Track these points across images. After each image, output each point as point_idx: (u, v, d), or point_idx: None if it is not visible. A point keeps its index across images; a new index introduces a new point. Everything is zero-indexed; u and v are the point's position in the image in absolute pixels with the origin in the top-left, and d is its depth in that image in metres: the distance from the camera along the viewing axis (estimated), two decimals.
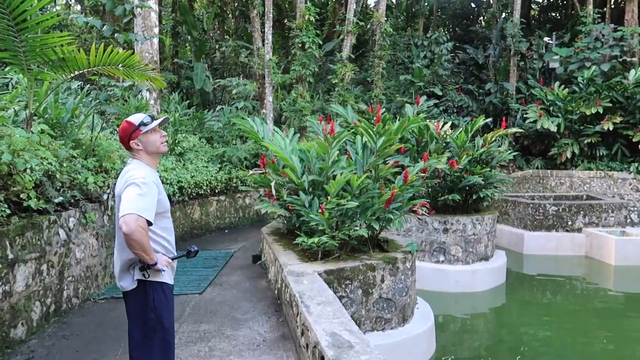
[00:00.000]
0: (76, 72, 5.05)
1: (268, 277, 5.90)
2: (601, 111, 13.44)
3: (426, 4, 24.56)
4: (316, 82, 13.89)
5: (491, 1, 28.32)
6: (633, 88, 13.46)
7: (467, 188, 8.17)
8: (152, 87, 7.98)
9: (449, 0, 29.24)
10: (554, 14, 29.02)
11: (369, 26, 16.35)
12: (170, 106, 10.53)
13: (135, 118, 2.75)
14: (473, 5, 29.88)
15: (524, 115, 14.43)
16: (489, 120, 10.69)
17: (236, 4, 21.92)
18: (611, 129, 13.32)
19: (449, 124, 8.76)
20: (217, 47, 18.93)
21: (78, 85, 7.31)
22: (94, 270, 5.24)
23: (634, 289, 9.06)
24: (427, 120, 8.21)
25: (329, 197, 5.04)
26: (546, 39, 17.71)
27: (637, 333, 7.01)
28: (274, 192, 5.25)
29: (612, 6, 19.93)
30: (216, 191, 9.21)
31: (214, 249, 7.63)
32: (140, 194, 2.52)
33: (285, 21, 19.53)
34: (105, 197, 5.45)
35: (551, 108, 14.49)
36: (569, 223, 10.79)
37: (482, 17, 28.52)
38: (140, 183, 2.55)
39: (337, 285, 4.65)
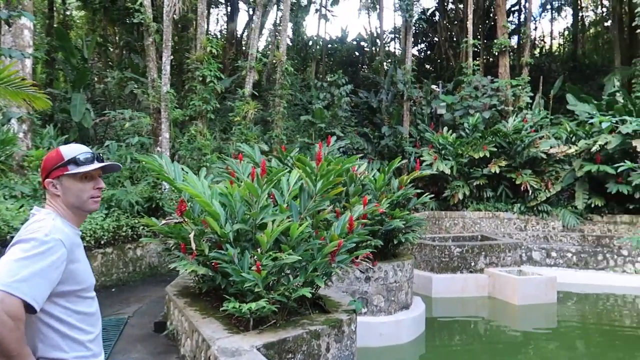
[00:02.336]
0: None
1: (180, 352, 4.77)
2: (488, 155, 14.34)
3: (314, 50, 25.40)
4: (212, 120, 12.97)
5: (374, 51, 30.34)
6: (513, 135, 14.61)
7: (386, 233, 7.79)
8: (24, 115, 6.52)
9: (335, 48, 31.10)
10: (428, 66, 31.77)
11: (261, 67, 16.01)
12: (44, 141, 8.82)
13: (69, 150, 1.85)
14: (357, 53, 32.01)
15: (420, 158, 14.88)
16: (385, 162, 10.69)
17: (117, 36, 20.30)
18: (497, 172, 14.22)
19: (365, 165, 8.42)
20: (96, 78, 17.17)
21: None
22: None
23: (538, 326, 9.28)
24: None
25: (259, 250, 4.21)
26: (433, 86, 18.82)
27: None
28: (193, 246, 4.26)
29: (485, 60, 22.03)
30: (102, 242, 7.74)
31: (102, 315, 6.21)
32: (23, 258, 1.58)
33: (172, 57, 18.46)
34: None
35: (442, 152, 15.15)
36: (472, 264, 10.97)
37: (366, 65, 30.34)
38: (33, 241, 1.62)
39: None
